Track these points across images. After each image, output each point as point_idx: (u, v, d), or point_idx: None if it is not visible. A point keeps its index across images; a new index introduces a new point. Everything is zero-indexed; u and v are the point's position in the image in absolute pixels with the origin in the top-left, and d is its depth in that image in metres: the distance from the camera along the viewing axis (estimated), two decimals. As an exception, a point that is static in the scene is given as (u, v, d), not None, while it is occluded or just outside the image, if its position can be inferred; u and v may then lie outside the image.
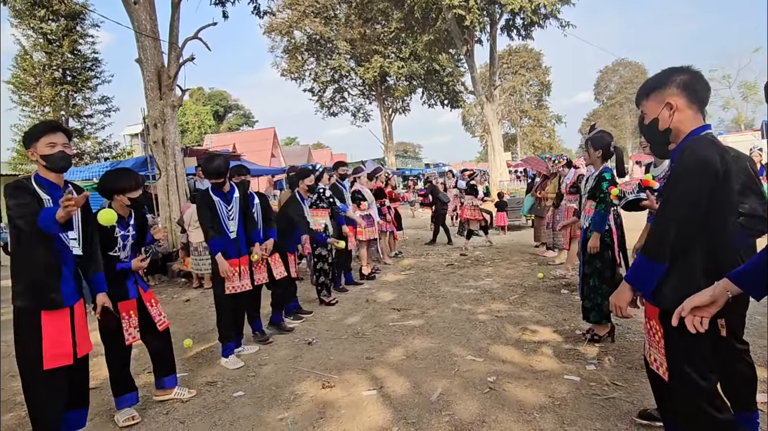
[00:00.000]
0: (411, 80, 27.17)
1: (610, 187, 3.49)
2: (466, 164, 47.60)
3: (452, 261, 8.00)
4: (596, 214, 3.75)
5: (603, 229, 3.74)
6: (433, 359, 3.77)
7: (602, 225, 3.73)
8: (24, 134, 2.52)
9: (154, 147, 9.40)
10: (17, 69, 23.96)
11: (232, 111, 54.62)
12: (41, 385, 2.47)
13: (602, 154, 3.83)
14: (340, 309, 5.42)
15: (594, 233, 3.74)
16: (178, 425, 2.99)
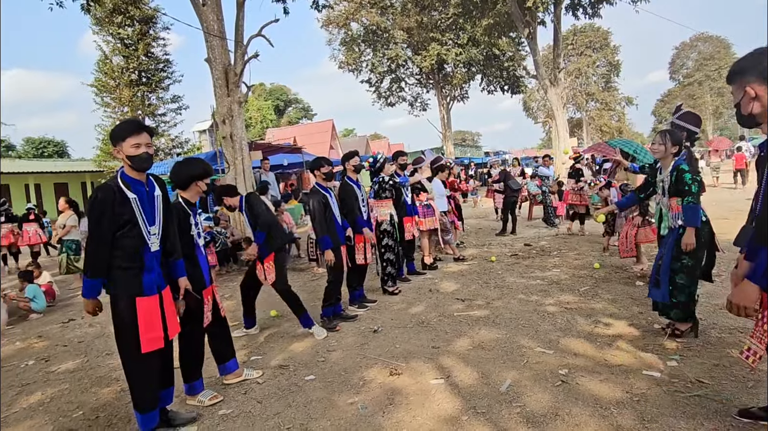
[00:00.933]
0: (469, 67, 26.56)
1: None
2: (528, 151, 46.14)
3: (516, 251, 7.80)
4: (687, 208, 3.50)
5: (699, 223, 3.49)
6: (500, 350, 3.72)
7: (696, 218, 3.48)
8: (111, 132, 2.70)
9: (223, 142, 9.85)
10: (99, 73, 25.87)
11: (291, 105, 56.13)
12: (140, 366, 2.66)
13: (677, 151, 3.62)
14: (403, 299, 5.46)
15: (689, 228, 3.50)
16: (256, 404, 3.15)
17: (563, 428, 2.58)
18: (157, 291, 2.72)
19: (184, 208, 3.22)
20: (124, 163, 2.65)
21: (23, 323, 6.01)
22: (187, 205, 3.25)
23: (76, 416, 3.25)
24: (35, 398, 3.61)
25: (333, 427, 2.78)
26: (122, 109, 25.95)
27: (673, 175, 3.59)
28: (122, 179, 2.65)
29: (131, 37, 25.14)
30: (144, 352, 2.62)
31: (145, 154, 2.64)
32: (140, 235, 2.64)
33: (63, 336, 5.24)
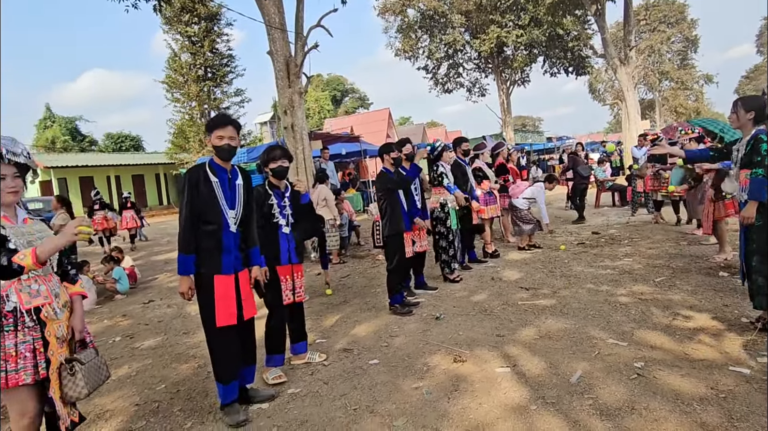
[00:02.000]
0: (531, 49, 25.55)
1: None
2: (594, 136, 43.86)
3: (583, 239, 7.47)
4: (754, 181, 3.20)
5: (763, 197, 3.18)
6: (569, 340, 3.58)
7: (761, 191, 3.17)
8: (206, 123, 2.91)
9: (285, 132, 10.12)
10: (169, 70, 27.38)
11: (348, 95, 56.69)
12: (218, 339, 2.85)
13: (755, 116, 3.28)
14: (465, 287, 5.39)
15: (750, 201, 3.21)
16: (322, 385, 3.25)
17: (640, 422, 2.45)
18: (233, 271, 2.86)
19: (266, 190, 3.42)
20: (213, 152, 2.86)
21: (109, 303, 6.53)
22: (270, 188, 3.44)
23: (159, 389, 3.49)
24: (123, 371, 3.92)
25: (398, 410, 2.81)
26: (190, 104, 27.37)
27: (749, 144, 3.28)
28: (210, 165, 2.87)
29: (197, 34, 26.35)
30: (218, 326, 2.79)
31: (227, 145, 2.82)
32: (219, 216, 2.81)
33: (144, 316, 5.65)
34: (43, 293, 2.06)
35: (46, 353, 2.03)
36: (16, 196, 2.10)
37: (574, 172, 9.18)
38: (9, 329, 1.97)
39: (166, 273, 8.32)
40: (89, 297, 6.24)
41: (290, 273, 3.46)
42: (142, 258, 10.28)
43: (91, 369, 2.19)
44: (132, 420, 3.04)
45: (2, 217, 2.04)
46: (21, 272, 1.92)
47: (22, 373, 1.96)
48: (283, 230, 3.45)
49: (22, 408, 2.05)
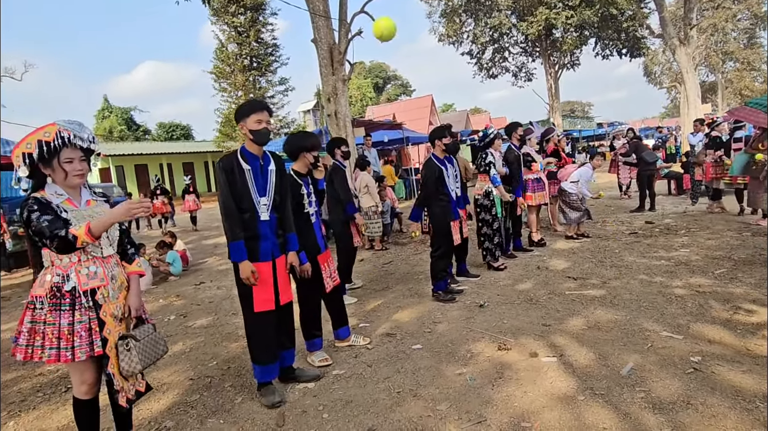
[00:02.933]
0: (582, 30, 24.43)
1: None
2: (648, 122, 41.74)
3: (635, 229, 7.16)
4: None
5: None
6: (619, 332, 3.46)
7: None
8: (237, 110, 2.92)
9: (328, 120, 10.21)
10: (216, 60, 28.14)
11: (390, 82, 56.43)
12: (256, 324, 2.93)
13: None
14: (509, 275, 5.30)
15: None
16: (365, 368, 3.30)
17: (697, 418, 2.34)
18: (270, 258, 2.92)
19: (295, 179, 3.41)
20: (246, 138, 2.87)
21: (164, 284, 6.87)
22: (298, 176, 3.43)
23: (211, 365, 3.65)
24: (178, 347, 4.12)
25: (442, 395, 2.81)
26: (236, 93, 28.06)
27: None
28: (241, 153, 2.88)
29: (243, 24, 26.89)
30: (257, 311, 2.87)
31: (264, 129, 2.84)
32: (251, 204, 2.84)
33: (196, 297, 5.91)
34: (99, 275, 2.15)
35: (102, 332, 2.12)
36: (81, 179, 2.21)
37: (638, 158, 8.72)
38: (66, 308, 2.07)
39: (215, 257, 8.66)
40: (146, 277, 6.58)
41: (326, 260, 3.50)
42: (193, 243, 10.72)
43: (148, 344, 2.28)
44: (187, 394, 3.20)
45: (66, 200, 2.14)
46: (75, 243, 1.99)
47: (77, 351, 2.05)
48: (312, 219, 3.47)
49: (81, 377, 2.20)
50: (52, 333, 2.05)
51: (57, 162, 2.12)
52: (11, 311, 6.06)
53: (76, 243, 2.00)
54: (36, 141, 2.08)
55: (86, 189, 2.29)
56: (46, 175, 2.14)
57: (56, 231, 1.98)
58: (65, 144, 2.10)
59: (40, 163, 2.11)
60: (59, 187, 2.15)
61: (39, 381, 3.64)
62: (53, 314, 2.06)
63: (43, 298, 2.08)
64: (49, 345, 2.05)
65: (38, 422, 3.00)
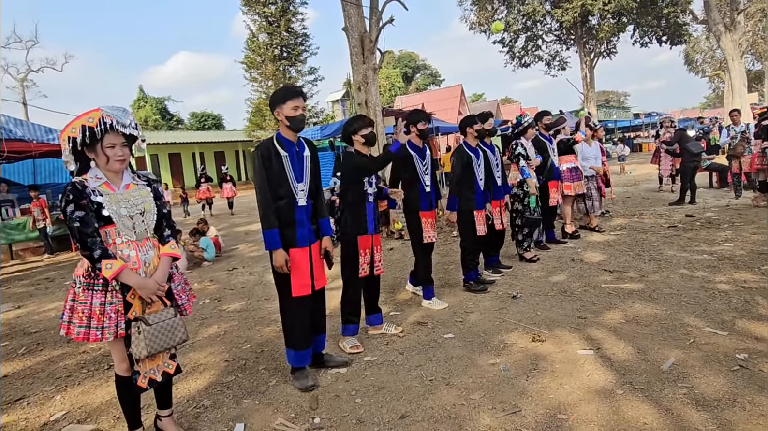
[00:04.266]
0: (620, 16, 23.55)
1: None
2: (687, 112, 40.15)
3: (675, 222, 6.91)
4: None
5: None
6: (659, 326, 3.36)
7: None
8: (273, 96, 2.92)
9: (359, 109, 10.20)
10: (248, 50, 28.43)
11: (420, 71, 55.93)
12: (293, 309, 2.96)
13: None
14: (542, 267, 5.21)
15: None
16: (397, 355, 3.30)
17: (743, 416, 2.25)
18: (307, 244, 2.94)
19: (359, 159, 3.45)
20: (282, 124, 2.88)
21: (198, 269, 7.04)
22: (360, 155, 3.48)
23: (246, 348, 3.72)
24: (213, 330, 4.22)
25: (475, 385, 2.79)
26: (267, 83, 28.31)
27: None
28: (277, 139, 2.89)
29: (274, 14, 27.04)
30: (294, 296, 2.89)
31: (301, 115, 2.86)
32: (289, 190, 2.86)
33: (229, 282, 6.03)
34: (132, 259, 2.18)
35: (127, 314, 2.16)
36: (122, 164, 2.26)
37: (682, 149, 8.38)
38: (98, 289, 2.13)
39: (246, 244, 8.82)
40: (181, 261, 6.76)
41: (370, 246, 3.50)
42: (225, 230, 10.95)
43: (161, 330, 2.21)
44: (223, 374, 3.27)
45: (104, 184, 2.19)
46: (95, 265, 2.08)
47: (106, 332, 2.11)
48: (370, 200, 3.49)
49: (121, 355, 2.26)
50: (83, 312, 2.12)
51: (100, 146, 2.17)
52: (56, 291, 6.33)
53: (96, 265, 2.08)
54: (80, 126, 2.14)
55: (128, 173, 2.34)
56: (90, 159, 2.20)
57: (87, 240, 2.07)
58: (107, 129, 2.15)
59: (84, 147, 2.17)
60: (100, 171, 2.21)
61: (83, 358, 3.79)
62: (86, 293, 2.13)
63: (80, 277, 2.16)
64: (79, 323, 2.12)
65: (83, 397, 3.12)
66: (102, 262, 2.07)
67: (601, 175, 6.99)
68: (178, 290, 2.46)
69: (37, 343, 4.28)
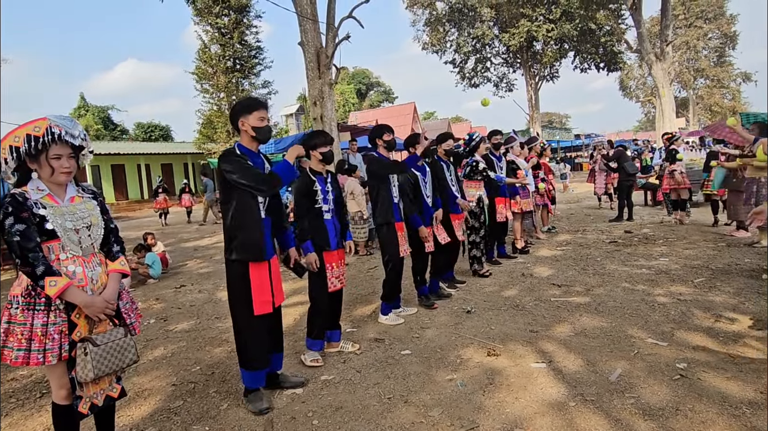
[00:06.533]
0: (562, 43, 25.09)
1: None
2: (623, 134, 42.79)
3: (615, 238, 7.30)
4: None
5: None
6: (606, 338, 3.51)
7: None
8: (236, 106, 2.84)
9: (314, 123, 10.18)
10: (199, 61, 27.72)
11: (373, 88, 56.58)
12: (251, 328, 2.84)
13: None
14: (495, 282, 5.33)
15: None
16: (355, 373, 3.25)
17: (686, 424, 2.38)
18: (268, 258, 2.86)
19: (309, 176, 3.39)
20: (246, 135, 2.79)
21: (142, 287, 6.69)
22: (313, 173, 3.42)
23: (195, 370, 3.55)
24: (159, 352, 4.00)
25: (433, 401, 2.79)
26: (218, 95, 27.66)
27: None
28: (239, 150, 2.80)
29: (227, 26, 26.61)
30: (256, 314, 2.79)
31: (267, 126, 2.81)
32: (253, 204, 2.76)
33: (176, 300, 5.76)
34: (78, 276, 2.04)
35: (72, 335, 2.01)
36: (68, 176, 2.12)
37: (620, 166, 8.89)
38: (40, 308, 1.97)
39: (195, 260, 8.48)
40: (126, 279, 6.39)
41: (336, 260, 3.47)
42: (172, 245, 10.49)
43: (110, 351, 2.07)
44: (169, 400, 3.10)
45: (47, 196, 2.05)
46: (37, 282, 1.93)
47: (48, 354, 1.95)
48: (326, 216, 3.43)
49: (60, 381, 2.08)
50: (22, 334, 1.95)
51: (45, 158, 2.03)
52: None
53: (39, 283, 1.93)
54: (25, 135, 2.00)
55: (72, 185, 2.20)
56: (31, 170, 2.06)
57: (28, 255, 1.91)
58: (55, 140, 2.02)
59: (27, 157, 2.02)
60: (42, 183, 2.06)
61: (12, 386, 3.48)
62: (25, 313, 1.97)
63: (18, 297, 1.99)
64: (18, 346, 1.94)
65: (11, 430, 2.86)
66: (45, 279, 1.91)
67: (548, 192, 7.29)
68: (127, 308, 2.32)
69: (-43, 371, 3.89)
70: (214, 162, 18.22)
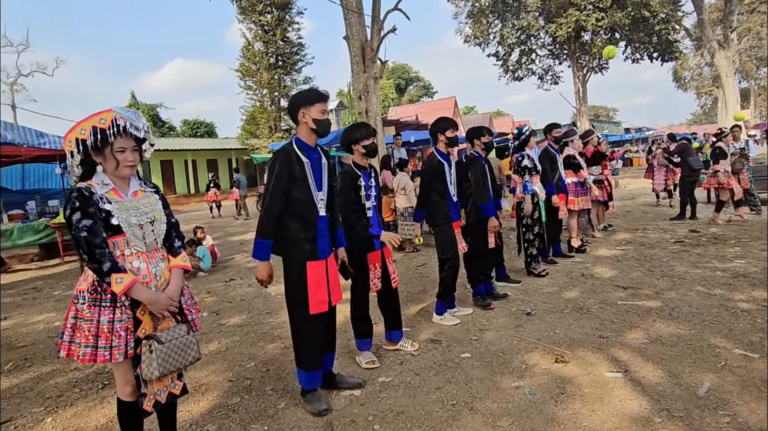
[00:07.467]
0: (612, 33, 23.97)
1: None
2: (675, 128, 40.69)
3: (681, 237, 6.83)
4: None
5: None
6: (686, 347, 3.22)
7: None
8: (297, 97, 2.72)
9: (359, 118, 10.08)
10: (243, 59, 28.36)
11: (412, 83, 56.20)
12: (308, 327, 2.76)
13: None
14: (553, 282, 5.07)
15: None
16: (413, 376, 3.12)
17: (796, 450, 2.11)
18: (326, 256, 2.77)
19: (354, 171, 3.23)
20: (306, 127, 2.69)
21: (193, 280, 6.80)
22: (357, 168, 3.26)
23: (250, 366, 3.52)
24: (213, 346, 4.00)
25: (501, 410, 2.62)
26: (261, 91, 28.22)
27: None
28: (297, 144, 2.70)
29: (270, 23, 27.05)
30: (312, 314, 2.71)
31: (328, 120, 2.69)
32: (311, 200, 2.68)
33: (227, 294, 5.81)
34: (142, 272, 2.00)
35: (137, 332, 1.98)
36: (132, 170, 2.09)
37: (683, 161, 8.33)
38: (106, 304, 1.94)
39: (242, 254, 8.59)
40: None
41: (380, 260, 3.33)
42: (219, 239, 10.69)
43: (174, 348, 2.04)
44: (227, 396, 3.07)
45: (112, 190, 2.01)
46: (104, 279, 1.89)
47: (115, 352, 1.91)
48: (368, 214, 3.27)
49: (125, 377, 2.05)
50: (89, 331, 1.92)
51: (110, 150, 1.99)
52: (44, 302, 6.05)
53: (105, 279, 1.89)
54: (91, 127, 1.96)
55: (135, 179, 2.16)
56: (96, 164, 2.02)
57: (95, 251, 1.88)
58: (120, 133, 1.98)
59: (93, 150, 1.99)
60: (107, 177, 2.02)
61: (75, 376, 3.56)
62: (92, 310, 1.94)
63: (84, 293, 1.96)
64: (85, 342, 1.92)
65: (76, 420, 2.90)
66: (111, 276, 1.88)
67: (607, 188, 6.91)
68: (188, 304, 2.28)
69: (25, 358, 4.03)
70: (257, 158, 18.63)
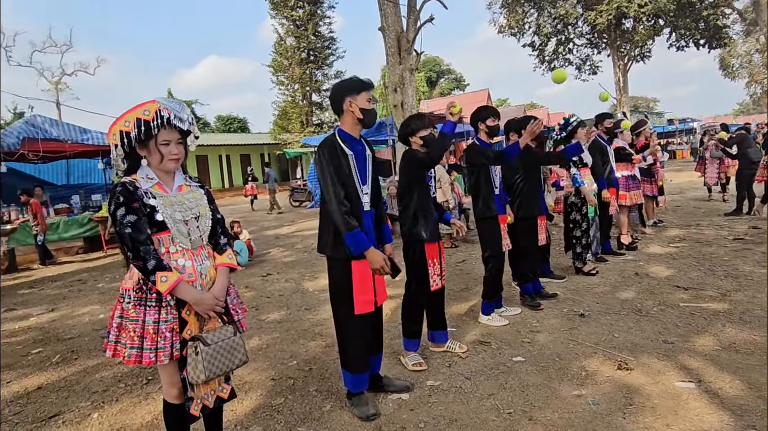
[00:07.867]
0: (656, 19, 22.87)
1: None
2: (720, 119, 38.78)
3: (740, 234, 6.40)
4: None
5: None
6: (764, 356, 2.94)
7: None
8: (341, 85, 2.58)
9: (394, 111, 9.92)
10: (275, 54, 28.53)
11: (444, 76, 55.46)
12: (353, 328, 2.64)
13: None
14: (604, 281, 4.80)
15: None
16: (464, 380, 2.96)
17: None
18: None
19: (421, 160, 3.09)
20: (351, 116, 2.55)
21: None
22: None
23: (292, 365, 3.43)
24: (254, 343, 3.94)
25: (563, 421, 2.43)
26: (293, 86, 28.34)
27: None
28: (340, 136, 2.58)
29: (302, 18, 27.09)
30: (357, 314, 2.58)
31: (374, 110, 2.55)
32: (355, 194, 2.55)
33: (265, 289, 5.77)
34: (188, 270, 1.91)
35: (182, 333, 1.89)
36: (177, 163, 2.00)
37: (740, 153, 7.80)
38: (152, 304, 1.86)
39: (278, 248, 8.58)
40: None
41: (438, 254, 3.16)
42: (254, 233, 10.75)
43: (221, 350, 1.93)
44: (270, 396, 2.98)
45: (156, 185, 1.93)
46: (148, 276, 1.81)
47: (160, 353, 1.83)
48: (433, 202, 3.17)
49: (171, 379, 1.97)
50: (134, 331, 1.84)
51: (154, 143, 1.90)
52: (89, 294, 6.17)
53: (150, 278, 1.80)
54: (135, 119, 1.87)
55: (180, 174, 2.07)
56: (141, 157, 1.94)
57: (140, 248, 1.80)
58: (164, 124, 1.89)
59: (137, 143, 1.90)
60: (152, 171, 1.94)
61: (120, 370, 3.56)
62: (137, 309, 1.85)
63: (130, 291, 1.88)
64: (130, 343, 1.84)
65: (122, 416, 2.87)
66: (156, 274, 1.79)
67: (657, 182, 6.53)
68: (234, 304, 2.17)
69: (72, 351, 4.08)
70: (290, 152, 18.74)
